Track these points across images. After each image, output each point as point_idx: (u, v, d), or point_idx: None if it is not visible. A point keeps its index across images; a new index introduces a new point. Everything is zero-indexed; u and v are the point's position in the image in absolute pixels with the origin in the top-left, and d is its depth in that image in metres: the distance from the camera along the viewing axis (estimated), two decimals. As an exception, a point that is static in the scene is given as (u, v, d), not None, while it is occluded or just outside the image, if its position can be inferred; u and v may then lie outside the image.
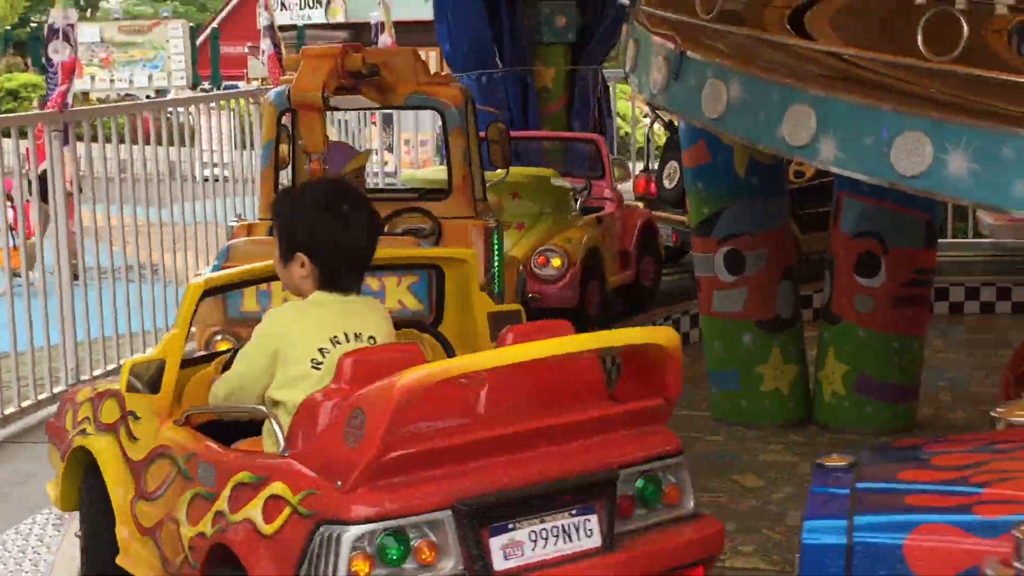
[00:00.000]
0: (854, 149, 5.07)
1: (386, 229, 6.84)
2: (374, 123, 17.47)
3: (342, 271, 4.22)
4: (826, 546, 3.26)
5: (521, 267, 8.45)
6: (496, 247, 7.43)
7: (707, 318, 7.71)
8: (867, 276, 7.21)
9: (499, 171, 8.51)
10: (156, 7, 45.97)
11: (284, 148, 7.68)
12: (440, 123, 7.82)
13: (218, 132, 11.48)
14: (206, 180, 10.54)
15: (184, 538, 4.22)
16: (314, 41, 39.25)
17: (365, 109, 11.16)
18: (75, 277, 8.61)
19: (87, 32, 31.72)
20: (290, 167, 7.77)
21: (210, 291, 4.62)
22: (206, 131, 11.45)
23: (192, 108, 11.20)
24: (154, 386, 4.39)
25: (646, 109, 13.78)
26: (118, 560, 4.76)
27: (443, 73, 8.87)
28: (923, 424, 7.40)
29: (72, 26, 8.21)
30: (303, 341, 4.11)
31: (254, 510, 3.83)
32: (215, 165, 11.20)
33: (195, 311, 4.50)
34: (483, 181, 7.74)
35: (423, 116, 16.13)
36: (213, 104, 11.47)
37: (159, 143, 9.76)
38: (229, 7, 44.39)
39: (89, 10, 46.63)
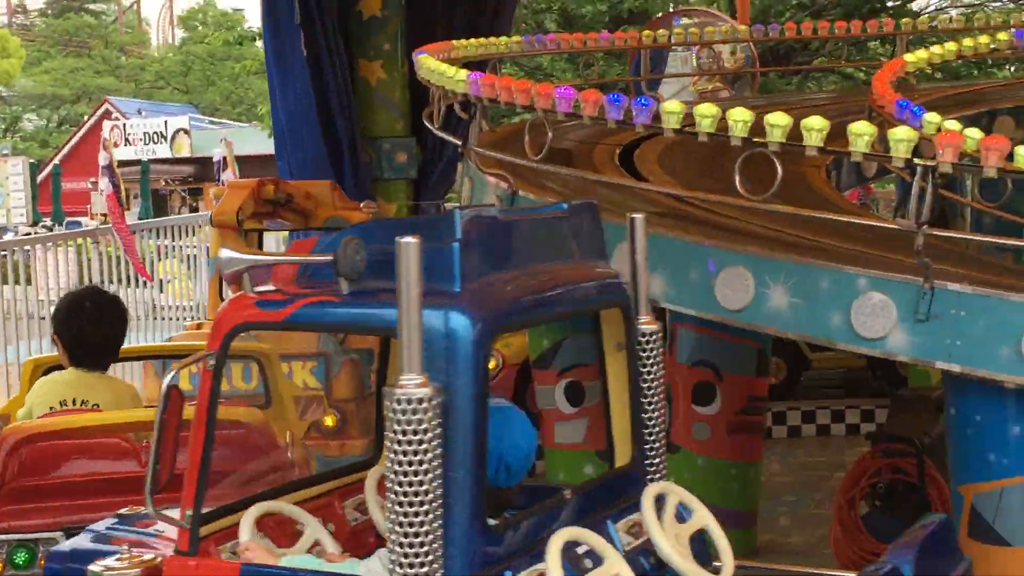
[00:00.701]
0: (682, 284, 5.23)
1: None
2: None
3: (84, 354, 5.49)
4: None
5: None
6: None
7: (550, 450, 7.76)
8: (703, 404, 7.36)
9: None
10: (-5, 143, 45.25)
11: None
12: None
13: (55, 270, 11.29)
14: (43, 319, 10.34)
15: None
16: (158, 175, 39.05)
17: (291, 230, 11.39)
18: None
19: (-75, 170, 31.05)
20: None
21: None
22: (42, 270, 11.26)
23: (29, 247, 11.01)
24: None
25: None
26: None
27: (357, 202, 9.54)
28: (763, 549, 7.52)
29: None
30: (41, 402, 5.46)
31: None
32: (52, 303, 11.00)
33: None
34: None
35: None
36: (50, 244, 11.30)
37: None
38: (72, 143, 43.96)
39: (-75, 146, 45.68)
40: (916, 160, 4.53)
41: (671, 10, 18.89)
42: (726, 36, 10.34)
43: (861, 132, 4.59)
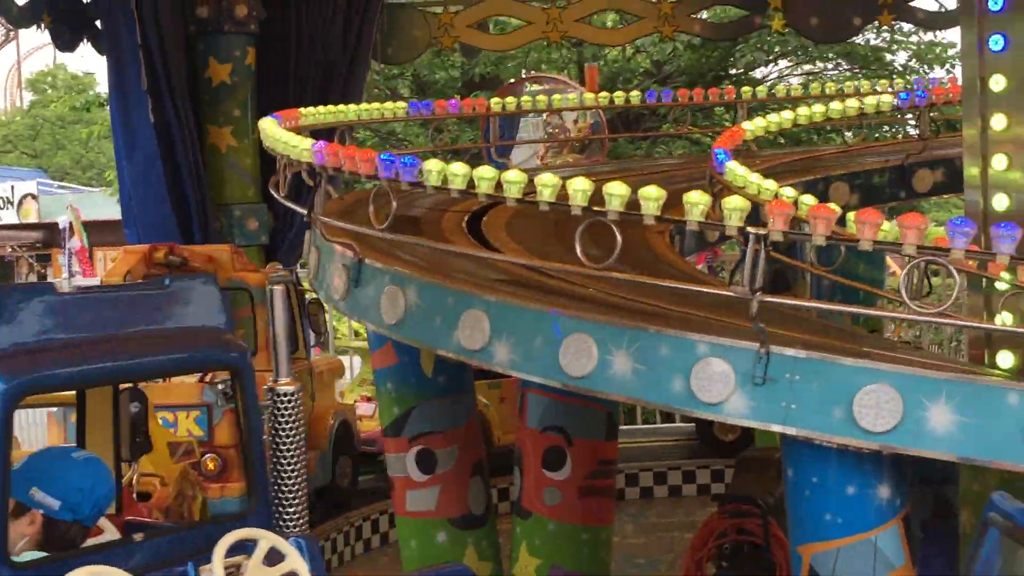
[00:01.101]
0: (527, 351, 5.26)
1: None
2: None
3: None
4: None
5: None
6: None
7: (402, 518, 7.73)
8: (554, 469, 7.40)
9: None
10: None
11: None
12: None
13: None
14: None
15: None
16: (4, 241, 38.02)
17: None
18: None
19: None
20: None
21: None
22: None
23: None
24: None
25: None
26: None
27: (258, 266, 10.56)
28: (616, 611, 7.57)
29: None
30: None
31: None
32: None
33: None
34: None
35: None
36: None
37: None
38: (-87, 209, 42.60)
39: None
40: (749, 228, 4.64)
41: (522, 76, 19.16)
42: (574, 103, 10.52)
43: (696, 202, 4.70)
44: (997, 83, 6.72)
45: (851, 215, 4.75)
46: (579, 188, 4.89)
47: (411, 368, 7.48)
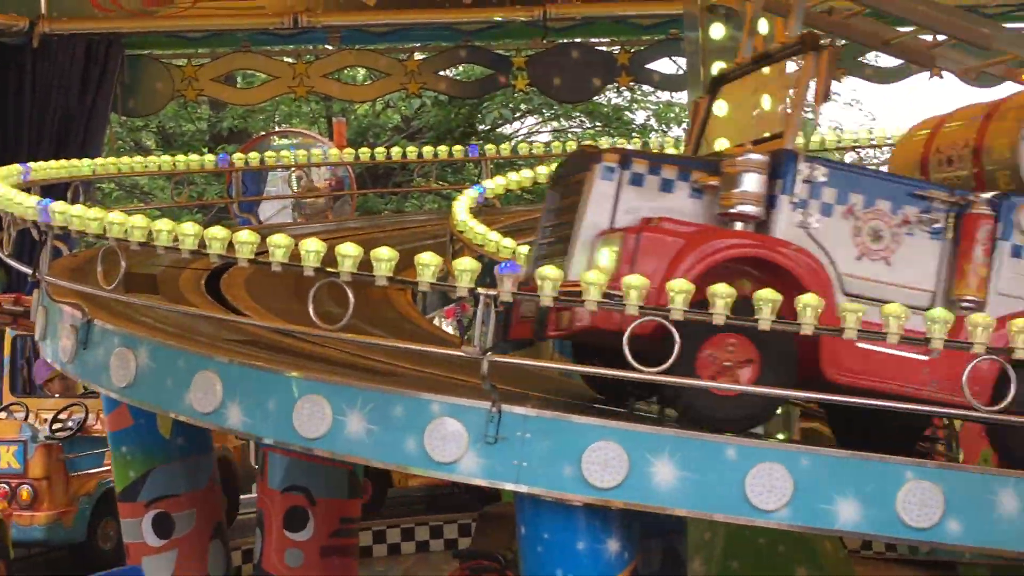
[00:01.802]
0: (260, 413, 5.19)
1: None
2: None
3: None
4: None
5: None
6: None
7: (138, 585, 7.48)
8: (296, 530, 7.30)
9: None
10: None
11: None
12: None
13: None
14: None
15: None
16: None
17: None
18: None
19: None
20: None
21: None
22: None
23: None
24: None
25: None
26: None
27: None
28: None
29: None
30: None
31: None
32: None
33: None
34: None
35: None
36: None
37: None
38: None
39: None
40: (479, 290, 4.71)
41: (270, 130, 19.01)
42: (318, 159, 10.51)
43: (427, 263, 4.75)
44: (721, 144, 7.03)
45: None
46: (311, 249, 4.88)
47: (147, 430, 7.27)
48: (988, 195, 5.54)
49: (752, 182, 5.27)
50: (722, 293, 4.73)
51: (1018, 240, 5.42)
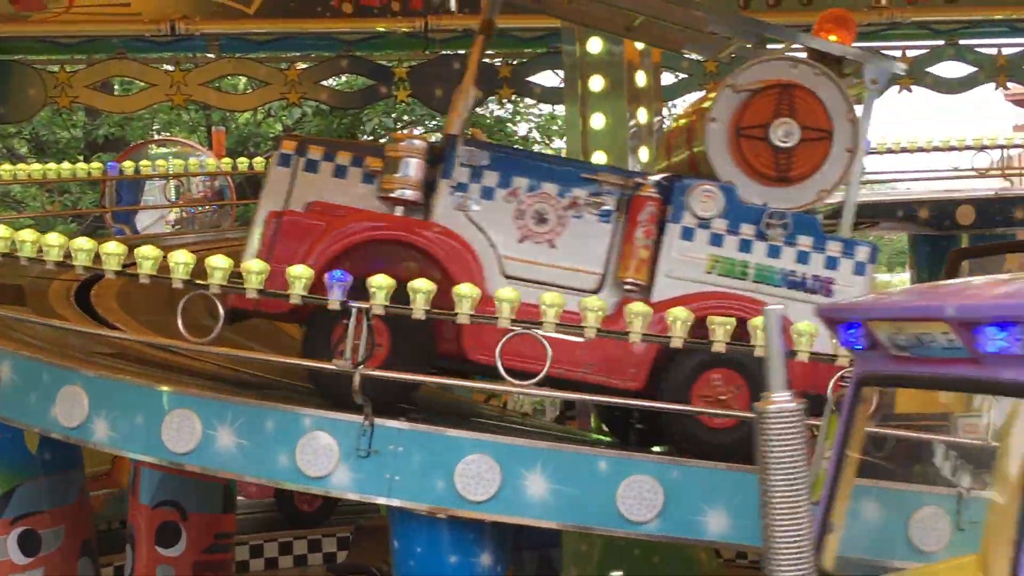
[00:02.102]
0: (127, 428, 5.10)
1: None
2: None
3: None
4: None
5: None
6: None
7: (3, 604, 7.29)
8: (168, 546, 7.18)
9: None
10: None
11: None
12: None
13: None
14: None
15: None
16: None
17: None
18: None
19: None
20: None
21: None
22: None
23: None
24: None
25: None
26: None
27: None
28: None
29: None
30: None
31: None
32: None
33: None
34: None
35: None
36: None
37: None
38: None
39: None
40: (351, 303, 4.67)
41: (147, 139, 18.71)
42: (197, 167, 10.36)
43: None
44: (600, 158, 7.08)
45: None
46: (180, 261, 4.80)
47: (13, 445, 7.07)
48: (658, 178, 5.63)
49: (411, 167, 5.39)
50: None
51: (688, 223, 5.49)
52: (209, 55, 13.24)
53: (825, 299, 5.36)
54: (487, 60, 13.22)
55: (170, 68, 13.24)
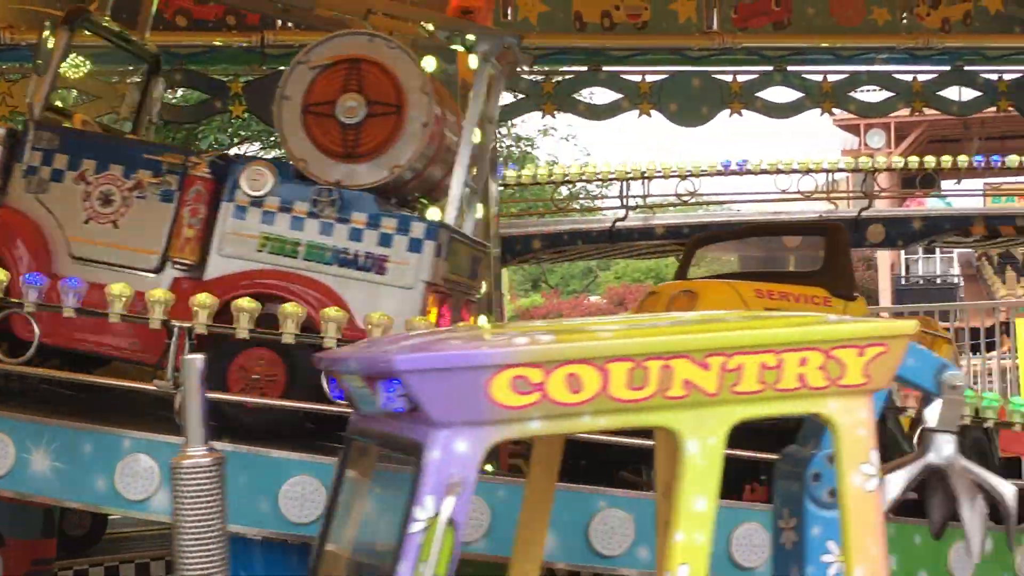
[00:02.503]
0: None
1: None
2: None
3: None
4: None
5: None
6: None
7: None
8: (-14, 573, 6.95)
9: None
10: None
11: None
12: None
13: None
14: None
15: None
16: None
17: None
18: None
19: None
20: None
21: None
22: None
23: None
24: None
25: None
26: None
27: None
28: None
29: None
30: None
31: None
32: None
33: None
34: None
35: None
36: None
37: None
38: None
39: None
40: (173, 321, 4.59)
41: None
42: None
43: (118, 294, 4.61)
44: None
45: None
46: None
47: None
48: (212, 157, 5.73)
49: None
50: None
51: (241, 202, 5.58)
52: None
53: (379, 276, 5.43)
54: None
55: (10, 79, 12.87)
